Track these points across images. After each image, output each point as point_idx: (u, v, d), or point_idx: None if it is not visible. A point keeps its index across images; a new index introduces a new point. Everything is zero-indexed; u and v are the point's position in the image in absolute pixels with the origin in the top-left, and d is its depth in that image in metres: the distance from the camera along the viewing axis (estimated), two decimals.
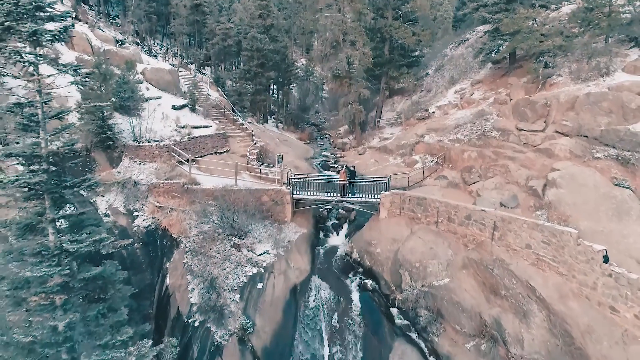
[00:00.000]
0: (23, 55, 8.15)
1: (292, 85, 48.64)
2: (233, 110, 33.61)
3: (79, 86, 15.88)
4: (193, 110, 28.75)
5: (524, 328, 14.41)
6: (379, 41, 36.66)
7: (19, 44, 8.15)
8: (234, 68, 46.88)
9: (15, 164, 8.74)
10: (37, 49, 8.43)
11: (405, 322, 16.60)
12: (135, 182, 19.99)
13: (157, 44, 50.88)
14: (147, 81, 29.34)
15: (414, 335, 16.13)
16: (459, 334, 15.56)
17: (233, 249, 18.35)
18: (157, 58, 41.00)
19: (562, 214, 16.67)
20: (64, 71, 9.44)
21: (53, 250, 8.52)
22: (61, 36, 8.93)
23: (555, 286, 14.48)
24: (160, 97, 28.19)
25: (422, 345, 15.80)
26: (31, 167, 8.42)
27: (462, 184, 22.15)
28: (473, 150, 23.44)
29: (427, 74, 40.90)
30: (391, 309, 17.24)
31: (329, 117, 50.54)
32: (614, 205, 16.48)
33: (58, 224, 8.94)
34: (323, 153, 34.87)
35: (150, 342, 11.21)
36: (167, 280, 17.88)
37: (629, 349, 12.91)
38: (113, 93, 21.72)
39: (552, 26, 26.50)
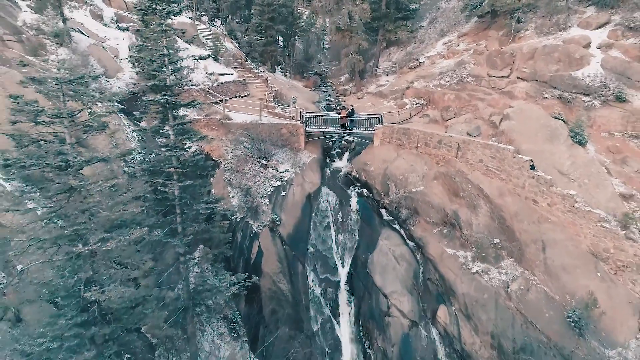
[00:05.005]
0: (164, 25, 13.27)
1: (296, 37, 52.31)
2: (246, 60, 38.07)
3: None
4: (216, 60, 33.36)
5: (473, 217, 20.37)
6: None
7: (146, 17, 13.05)
8: (242, 20, 50.36)
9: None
10: (167, 20, 13.49)
11: (391, 217, 22.63)
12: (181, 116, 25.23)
13: None
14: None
15: (396, 226, 22.21)
16: (428, 224, 21.58)
17: (261, 168, 23.99)
18: None
19: (509, 138, 22.12)
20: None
21: (173, 145, 14.03)
22: (179, 12, 13.98)
23: (497, 187, 20.29)
24: (187, 49, 32.68)
25: (402, 232, 21.91)
26: (162, 93, 13.75)
27: (441, 120, 27.48)
28: (452, 93, 28.54)
29: (422, 26, 44.83)
30: (380, 209, 23.20)
31: (330, 66, 54.47)
32: (549, 132, 21.90)
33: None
34: (327, 98, 39.69)
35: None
36: (213, 191, 23.60)
37: (541, 226, 18.87)
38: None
39: None
